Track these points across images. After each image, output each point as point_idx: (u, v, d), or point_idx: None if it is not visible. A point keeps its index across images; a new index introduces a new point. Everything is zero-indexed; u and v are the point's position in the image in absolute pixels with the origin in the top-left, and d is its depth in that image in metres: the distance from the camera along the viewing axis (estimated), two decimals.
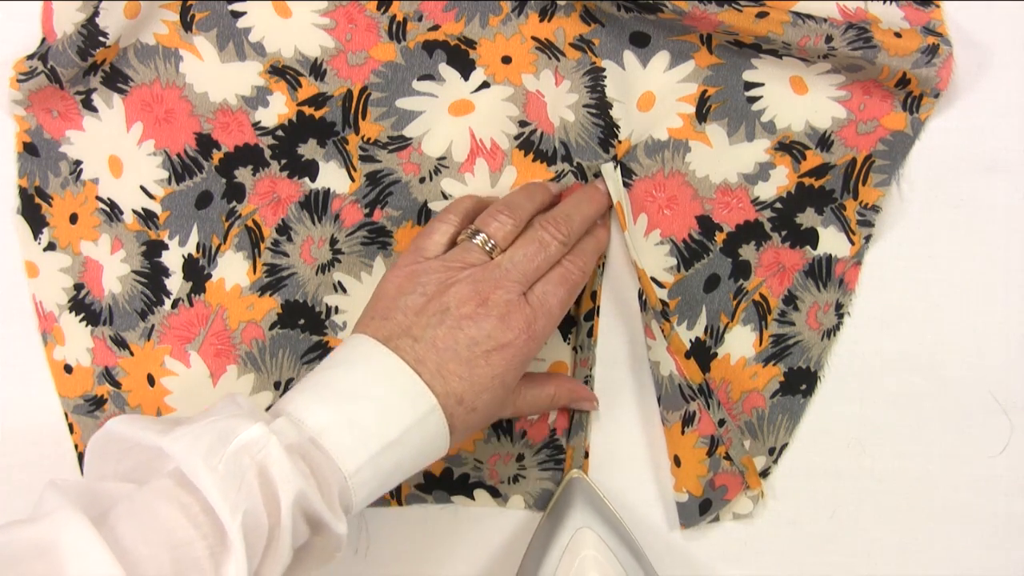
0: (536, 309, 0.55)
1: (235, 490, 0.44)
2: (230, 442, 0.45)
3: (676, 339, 0.61)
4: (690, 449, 0.61)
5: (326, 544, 0.49)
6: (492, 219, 0.57)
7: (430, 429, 0.51)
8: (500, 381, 0.53)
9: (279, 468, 0.45)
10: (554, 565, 0.58)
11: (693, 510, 0.61)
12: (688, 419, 0.61)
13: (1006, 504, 0.63)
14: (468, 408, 0.52)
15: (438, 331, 0.52)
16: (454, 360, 0.52)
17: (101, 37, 0.60)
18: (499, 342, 0.53)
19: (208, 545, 0.43)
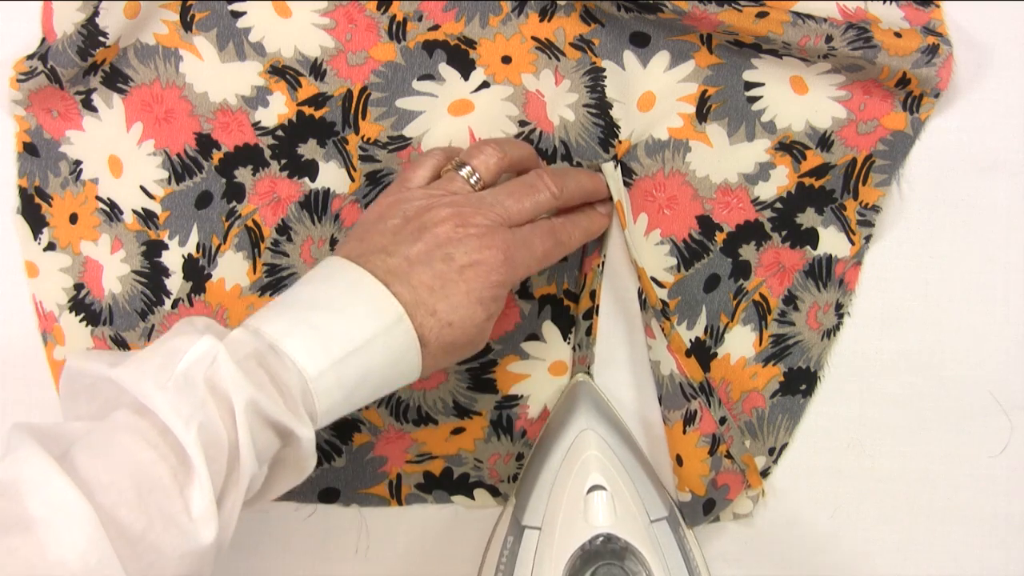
0: (517, 238, 0.54)
1: (187, 404, 0.43)
2: (179, 360, 0.45)
3: (676, 338, 0.61)
4: (692, 448, 0.61)
5: (296, 454, 0.48)
6: (479, 151, 0.56)
7: (398, 339, 0.50)
8: (476, 298, 0.52)
9: (229, 377, 0.45)
10: (557, 465, 0.58)
11: (696, 510, 0.61)
12: (689, 418, 0.60)
13: (1006, 504, 0.63)
14: (443, 322, 0.51)
15: (413, 247, 0.52)
16: (427, 273, 0.51)
17: (101, 37, 0.60)
18: (474, 258, 0.52)
19: (169, 466, 0.43)
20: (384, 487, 0.64)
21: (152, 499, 0.42)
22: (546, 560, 0.56)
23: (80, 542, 0.40)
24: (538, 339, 0.63)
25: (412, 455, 0.64)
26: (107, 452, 0.43)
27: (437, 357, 0.52)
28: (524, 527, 0.58)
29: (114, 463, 0.42)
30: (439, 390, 0.63)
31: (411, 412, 0.63)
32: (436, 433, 0.63)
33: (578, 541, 0.56)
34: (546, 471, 0.59)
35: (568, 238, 0.57)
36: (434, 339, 0.51)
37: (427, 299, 0.51)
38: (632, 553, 0.56)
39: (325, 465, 0.63)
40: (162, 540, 0.42)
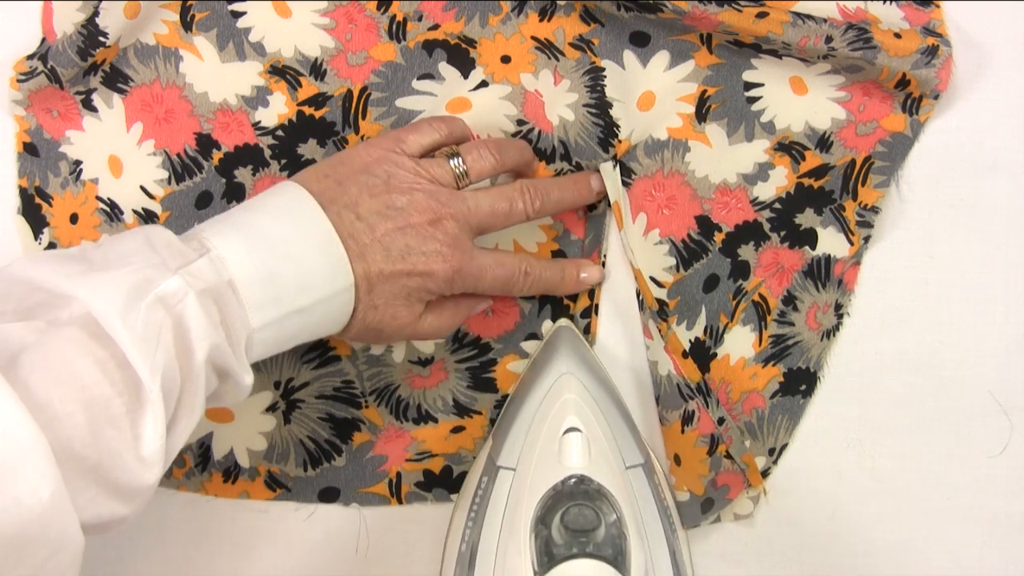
0: (473, 266, 0.55)
1: (152, 347, 0.43)
2: (146, 296, 0.45)
3: (673, 338, 0.61)
4: (690, 448, 0.61)
5: (233, 392, 0.49)
6: (476, 149, 0.57)
7: (336, 307, 0.52)
8: (405, 295, 0.54)
9: (195, 323, 0.45)
10: (535, 407, 0.59)
11: (695, 509, 0.61)
12: (687, 418, 0.60)
13: (1006, 504, 0.63)
14: (372, 303, 0.53)
15: (382, 222, 0.53)
16: (382, 255, 0.53)
17: (101, 37, 0.60)
18: (428, 267, 0.53)
19: (125, 403, 0.43)
20: (384, 486, 0.64)
21: (104, 435, 0.43)
22: (519, 500, 0.56)
23: (33, 477, 0.40)
24: (538, 338, 0.63)
25: (412, 454, 0.64)
26: (62, 378, 0.42)
27: (352, 331, 0.54)
28: (499, 467, 0.58)
29: (69, 391, 0.42)
30: (439, 389, 0.63)
31: (411, 411, 0.63)
32: (436, 432, 0.63)
33: (551, 481, 0.56)
34: (523, 413, 0.59)
35: (523, 286, 0.59)
36: (360, 315, 0.53)
37: (372, 279, 0.52)
38: (605, 496, 0.55)
39: (325, 464, 0.63)
40: (109, 476, 0.43)
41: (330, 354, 0.63)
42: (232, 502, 0.63)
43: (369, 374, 0.63)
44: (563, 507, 0.55)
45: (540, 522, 0.55)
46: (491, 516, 0.58)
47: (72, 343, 0.43)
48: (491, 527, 0.57)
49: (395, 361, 0.63)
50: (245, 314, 0.48)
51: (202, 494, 0.63)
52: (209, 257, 0.48)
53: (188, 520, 0.63)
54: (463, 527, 0.59)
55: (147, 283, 0.45)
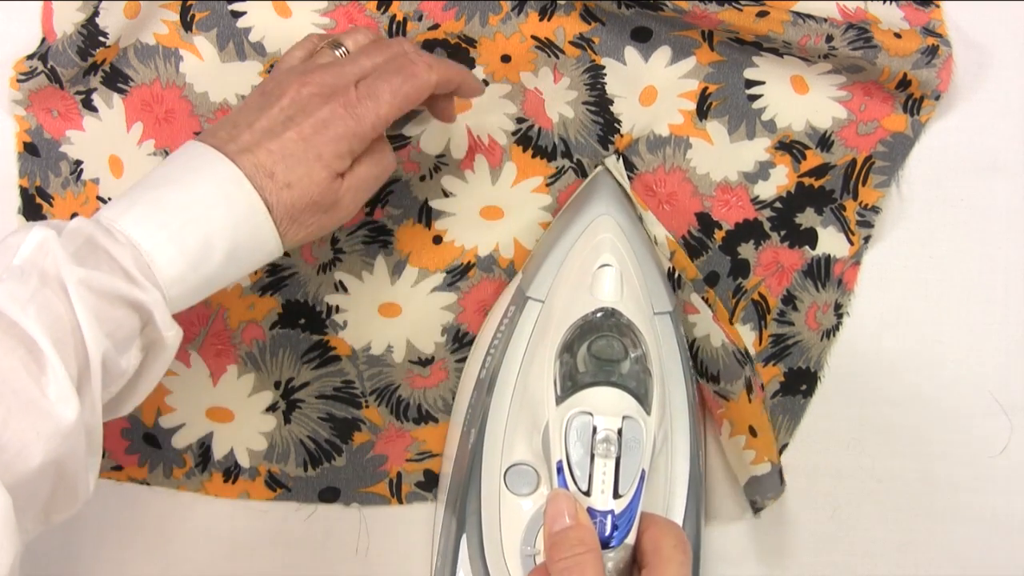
0: (361, 90, 0.52)
1: (22, 291, 0.43)
2: (13, 254, 0.45)
3: (720, 307, 0.61)
4: (760, 415, 0.60)
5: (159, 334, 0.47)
6: (353, 33, 0.56)
7: (240, 203, 0.49)
8: (315, 155, 0.50)
9: (61, 261, 0.44)
10: (569, 244, 0.58)
11: (775, 480, 0.60)
12: (749, 386, 0.60)
13: (1006, 504, 0.63)
14: (281, 183, 0.50)
15: (259, 114, 0.51)
16: (266, 136, 0.50)
17: (101, 37, 0.60)
18: (314, 118, 0.51)
19: (18, 357, 0.43)
20: (384, 486, 0.64)
21: (7, 389, 0.42)
22: (546, 328, 0.56)
23: None
24: None
25: (412, 453, 0.64)
26: None
27: (286, 223, 0.51)
28: (528, 298, 0.58)
29: None
30: (439, 388, 0.63)
31: (411, 411, 0.63)
32: (436, 431, 0.63)
33: (581, 312, 0.55)
34: (557, 249, 0.58)
35: (419, 71, 0.53)
36: (275, 201, 0.50)
37: (266, 162, 0.50)
38: (633, 331, 0.54)
39: (325, 465, 0.63)
40: (23, 427, 0.42)
41: (330, 354, 0.63)
42: (232, 502, 0.63)
43: (369, 374, 0.63)
44: (591, 337, 0.54)
45: (566, 350, 0.54)
46: (515, 344, 0.57)
47: None
48: (514, 354, 0.57)
49: (395, 361, 0.63)
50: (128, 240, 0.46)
51: (202, 494, 0.63)
52: (79, 219, 0.47)
53: (188, 520, 0.63)
54: (484, 355, 0.59)
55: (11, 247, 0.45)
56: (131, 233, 0.47)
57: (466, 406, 0.59)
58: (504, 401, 0.56)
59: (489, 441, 0.56)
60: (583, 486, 0.49)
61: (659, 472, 0.55)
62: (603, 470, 0.49)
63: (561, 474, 0.50)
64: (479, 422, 0.56)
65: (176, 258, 0.47)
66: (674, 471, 0.56)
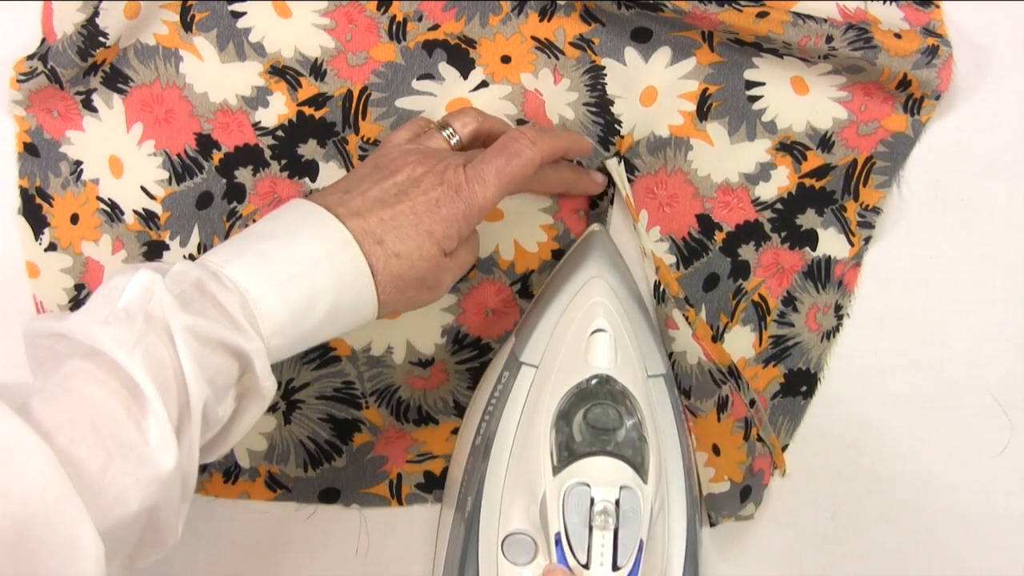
0: (469, 172, 0.53)
1: (128, 335, 0.43)
2: (119, 297, 0.45)
3: (701, 324, 0.61)
4: (728, 435, 0.61)
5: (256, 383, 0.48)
6: (461, 114, 0.57)
7: (345, 264, 0.49)
8: (426, 230, 0.51)
9: (166, 306, 0.45)
10: (562, 308, 0.58)
11: (734, 498, 0.61)
12: (722, 405, 0.60)
13: (1006, 504, 0.63)
14: (390, 252, 0.51)
15: (373, 184, 0.52)
16: (378, 206, 0.51)
17: (101, 37, 0.60)
18: (428, 196, 0.52)
19: (121, 400, 0.43)
20: (384, 487, 0.64)
21: (108, 433, 0.42)
22: (541, 396, 0.56)
23: (38, 480, 0.40)
24: None
25: (412, 455, 0.64)
26: (59, 396, 0.43)
27: (389, 290, 0.51)
28: (521, 364, 0.58)
29: (67, 404, 0.42)
30: (439, 390, 0.63)
31: (411, 412, 0.63)
32: (436, 433, 0.63)
33: (575, 379, 0.55)
34: (550, 313, 0.58)
35: (531, 150, 0.54)
36: (382, 268, 0.51)
37: (375, 228, 0.51)
38: (628, 398, 0.55)
39: (325, 465, 0.63)
40: (123, 472, 0.42)
41: (330, 355, 0.63)
42: (232, 502, 0.63)
43: (370, 375, 0.63)
44: (586, 405, 0.54)
45: (561, 418, 0.54)
46: (510, 410, 0.57)
47: (68, 370, 0.44)
48: (509, 421, 0.57)
49: (396, 362, 0.63)
50: (236, 288, 0.47)
51: (202, 494, 0.63)
52: (184, 262, 0.47)
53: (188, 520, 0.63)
54: (479, 420, 0.59)
55: (118, 287, 0.45)
56: (238, 279, 0.47)
57: (462, 472, 0.59)
58: (500, 468, 0.56)
59: (486, 509, 0.56)
60: (582, 558, 0.50)
61: (656, 539, 0.55)
62: (601, 542, 0.50)
63: (559, 546, 0.50)
64: (475, 489, 0.56)
65: (279, 310, 0.48)
66: (671, 536, 0.56)
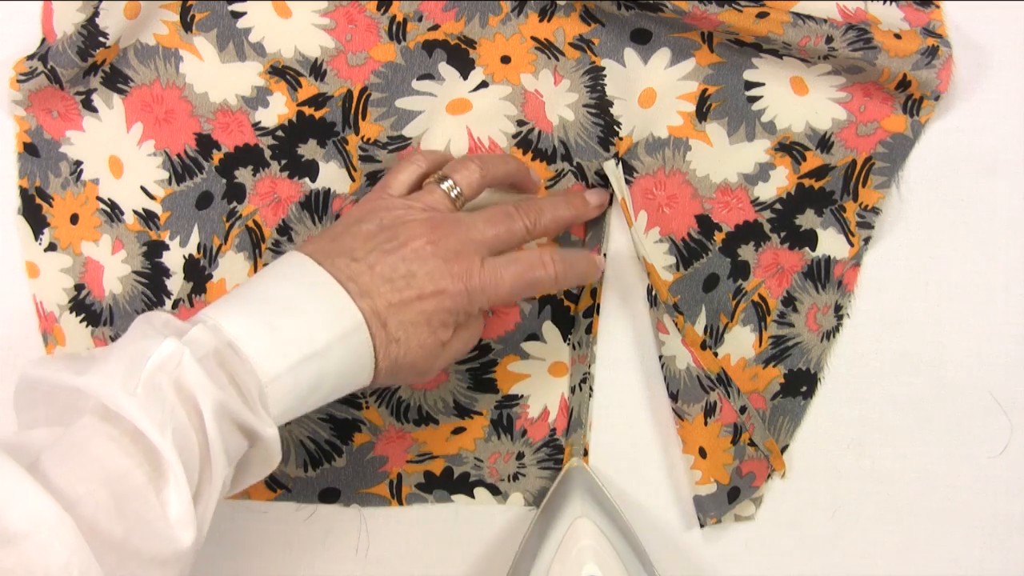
0: (486, 272, 0.54)
1: (158, 410, 0.43)
2: (144, 364, 0.44)
3: (691, 331, 0.61)
4: (715, 439, 0.61)
5: (263, 454, 0.48)
6: (462, 166, 0.57)
7: (354, 348, 0.50)
8: (426, 320, 0.52)
9: (196, 380, 0.45)
10: (551, 556, 0.57)
11: (721, 499, 0.61)
12: (710, 409, 0.61)
13: (1006, 504, 0.63)
14: (391, 337, 0.51)
15: (380, 258, 0.52)
16: (386, 286, 0.51)
17: (101, 37, 0.60)
18: (436, 286, 0.52)
19: (144, 472, 0.43)
20: (385, 487, 0.64)
21: (130, 506, 0.42)
22: None
23: (63, 554, 0.40)
24: (538, 339, 0.63)
25: (413, 455, 0.64)
26: (80, 461, 0.43)
27: (383, 372, 0.52)
28: None
29: (89, 472, 0.42)
30: (440, 390, 0.63)
31: (412, 412, 0.63)
32: (437, 433, 0.63)
33: None
34: (540, 562, 0.58)
35: (552, 276, 0.56)
36: (383, 352, 0.51)
37: (382, 312, 0.51)
38: None
39: (325, 465, 0.63)
40: (142, 546, 0.42)
41: None
42: (232, 502, 0.63)
43: None
44: None
45: None
46: None
47: (85, 430, 0.44)
48: None
49: None
50: (252, 368, 0.47)
51: None
52: (203, 325, 0.47)
53: None
54: None
55: (143, 353, 0.45)
56: (255, 360, 0.47)
57: None
58: None
59: None
60: None
61: None
62: None
63: None
64: None
65: (289, 393, 0.48)
66: None
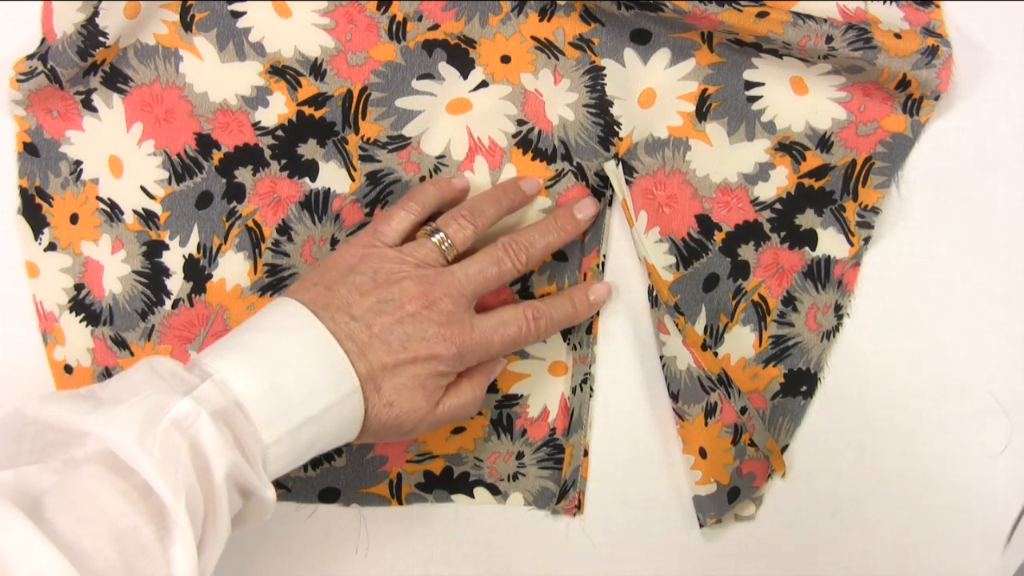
0: (476, 335, 0.55)
1: (173, 472, 0.43)
2: (160, 421, 0.45)
3: (692, 332, 0.61)
4: (715, 439, 0.61)
5: (258, 510, 0.49)
6: (453, 220, 0.57)
7: (347, 411, 0.51)
8: (420, 383, 0.53)
9: (210, 442, 0.45)
10: None
11: (722, 499, 0.61)
12: (710, 410, 0.61)
13: (1006, 504, 0.63)
14: (385, 401, 0.53)
15: (377, 318, 0.53)
16: (383, 349, 0.52)
17: (101, 37, 0.60)
18: (430, 350, 0.53)
19: (153, 530, 0.43)
20: (384, 487, 0.64)
21: (137, 566, 0.42)
22: None
23: None
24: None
25: (412, 454, 0.64)
26: (88, 514, 0.43)
27: (371, 431, 0.54)
28: None
29: (97, 527, 0.42)
30: None
31: None
32: (436, 433, 0.63)
33: None
34: None
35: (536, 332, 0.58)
36: (373, 415, 0.53)
37: (377, 376, 0.52)
38: None
39: (325, 465, 0.63)
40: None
41: None
42: None
43: None
44: None
45: None
46: None
47: (93, 479, 0.44)
48: None
49: None
50: (256, 431, 0.48)
51: None
52: (212, 381, 0.47)
53: None
54: None
55: (159, 409, 0.45)
56: (260, 424, 0.48)
57: None
58: None
59: None
60: None
61: None
62: None
63: None
64: None
65: (288, 454, 0.50)
66: None
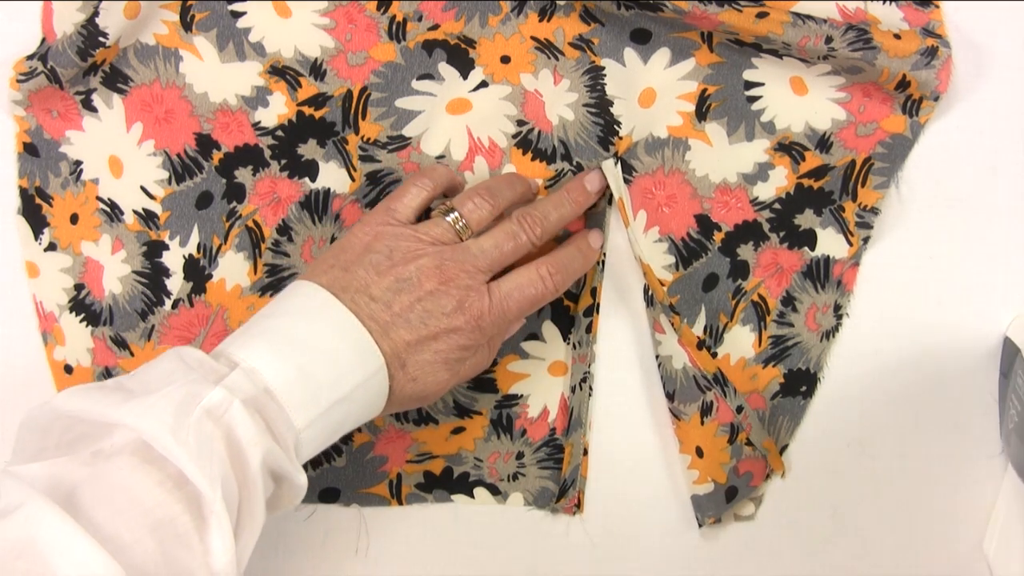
0: (494, 306, 0.55)
1: (208, 461, 0.44)
2: (193, 411, 0.45)
3: (687, 331, 0.61)
4: (711, 439, 0.61)
5: (289, 494, 0.49)
6: (469, 200, 0.57)
7: (374, 389, 0.52)
8: (443, 359, 0.54)
9: (244, 431, 0.46)
10: None
11: (719, 499, 0.61)
12: (706, 409, 0.61)
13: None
14: (409, 376, 0.53)
15: (396, 297, 0.53)
16: (404, 327, 0.53)
17: (101, 37, 0.60)
18: (451, 325, 0.53)
19: (190, 519, 0.43)
20: (384, 487, 0.64)
21: (176, 555, 0.43)
22: None
23: None
24: (538, 339, 0.63)
25: (412, 455, 0.64)
26: (124, 505, 0.43)
27: (394, 405, 0.54)
28: None
29: (134, 518, 0.43)
30: None
31: (411, 412, 0.63)
32: (436, 433, 0.64)
33: None
34: None
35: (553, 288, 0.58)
36: (398, 390, 0.53)
37: (401, 353, 0.52)
38: None
39: (325, 465, 0.63)
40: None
41: None
42: None
43: None
44: None
45: None
46: None
47: (127, 470, 0.44)
48: None
49: None
50: (288, 417, 0.48)
51: None
52: (241, 369, 0.48)
53: None
54: None
55: (192, 398, 0.45)
56: (291, 411, 0.48)
57: None
58: None
59: None
60: None
61: None
62: None
63: None
64: None
65: (318, 436, 0.50)
66: None
